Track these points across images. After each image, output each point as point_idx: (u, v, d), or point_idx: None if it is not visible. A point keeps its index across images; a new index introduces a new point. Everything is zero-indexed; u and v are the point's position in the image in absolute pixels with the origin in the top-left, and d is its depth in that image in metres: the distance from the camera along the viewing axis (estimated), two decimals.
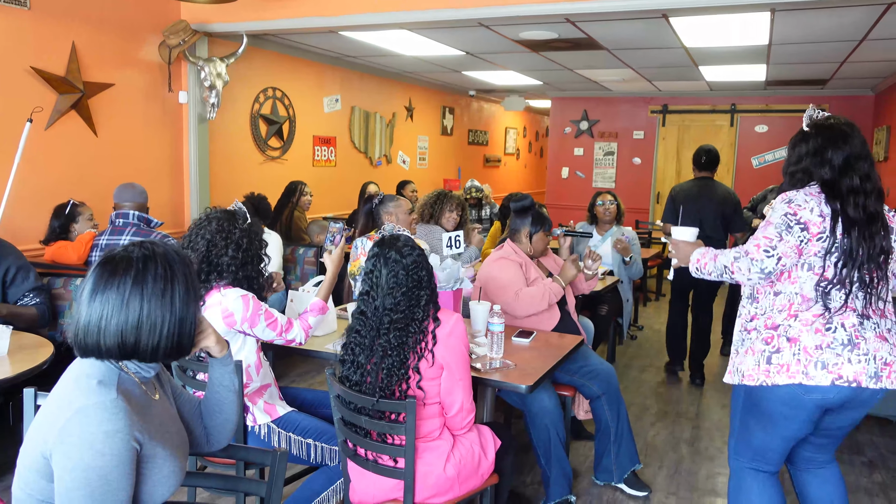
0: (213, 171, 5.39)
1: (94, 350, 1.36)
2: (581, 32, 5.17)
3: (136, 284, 1.35)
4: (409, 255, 2.19)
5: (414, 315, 2.16)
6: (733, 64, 6.47)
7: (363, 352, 2.17)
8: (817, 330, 2.06)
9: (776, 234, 2.08)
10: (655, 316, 7.02)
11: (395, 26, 4.84)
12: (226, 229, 2.47)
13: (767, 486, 2.29)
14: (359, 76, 7.31)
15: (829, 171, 2.12)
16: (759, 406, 2.20)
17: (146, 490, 1.38)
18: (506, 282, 3.27)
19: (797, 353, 2.07)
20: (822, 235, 2.05)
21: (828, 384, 2.04)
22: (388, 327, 2.14)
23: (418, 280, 2.18)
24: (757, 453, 2.28)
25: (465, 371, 2.22)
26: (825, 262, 2.06)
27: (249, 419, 2.49)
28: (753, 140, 8.69)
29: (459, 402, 2.21)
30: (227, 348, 1.65)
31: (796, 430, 2.18)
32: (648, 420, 4.16)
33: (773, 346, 2.12)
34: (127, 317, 1.34)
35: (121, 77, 4.61)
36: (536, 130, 12.99)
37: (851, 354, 2.05)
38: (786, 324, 2.10)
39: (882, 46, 5.35)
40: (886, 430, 4.08)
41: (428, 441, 2.20)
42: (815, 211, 2.06)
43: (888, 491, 3.34)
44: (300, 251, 5.05)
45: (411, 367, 2.13)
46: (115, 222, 3.71)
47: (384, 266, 2.18)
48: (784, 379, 2.08)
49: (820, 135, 2.17)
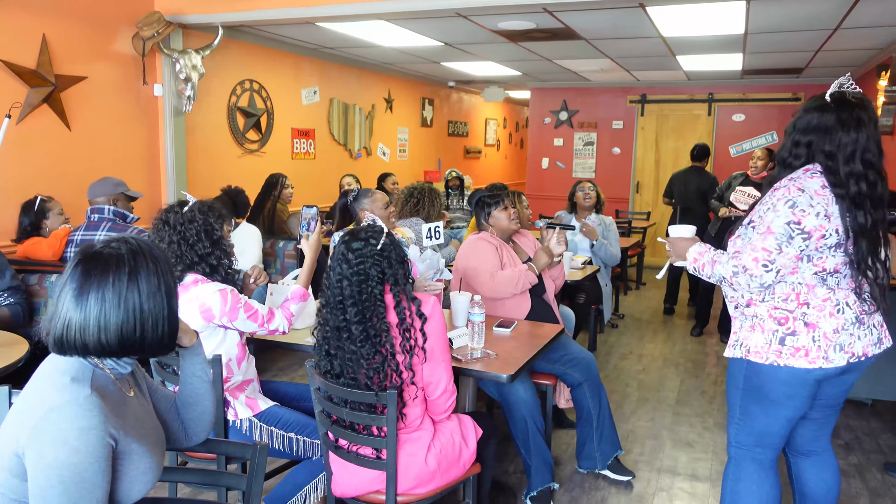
0: (190, 164, 5.33)
1: (95, 348, 1.34)
2: (559, 22, 5.17)
3: (132, 281, 1.35)
4: (357, 250, 2.14)
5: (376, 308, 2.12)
6: (710, 53, 6.52)
7: (332, 342, 2.17)
8: (831, 314, 2.08)
9: (776, 246, 2.03)
10: (636, 304, 7.08)
11: (372, 17, 4.81)
12: (162, 219, 2.47)
13: (768, 477, 2.29)
14: (337, 68, 7.26)
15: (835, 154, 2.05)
16: (761, 388, 2.18)
17: (123, 487, 1.37)
18: (482, 261, 3.28)
19: (818, 339, 2.07)
20: (825, 234, 2.02)
21: (844, 364, 2.08)
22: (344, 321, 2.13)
23: (365, 275, 2.13)
24: (760, 438, 2.26)
25: (446, 352, 2.23)
26: (826, 254, 2.06)
27: (231, 414, 2.47)
28: (731, 129, 8.76)
29: (443, 384, 2.21)
30: (195, 338, 1.64)
31: (798, 408, 2.18)
32: (629, 407, 4.20)
33: (787, 327, 2.10)
34: (127, 313, 1.34)
35: (94, 70, 4.53)
36: (517, 121, 12.99)
37: (860, 331, 2.10)
38: (799, 311, 2.09)
39: (855, 35, 5.41)
40: (862, 413, 4.16)
41: (409, 432, 2.20)
42: (821, 213, 2.01)
43: (864, 472, 3.41)
44: (280, 244, 5.02)
45: (403, 365, 2.12)
46: (91, 217, 3.66)
47: (334, 259, 2.20)
48: (803, 363, 2.08)
49: (837, 111, 2.07)
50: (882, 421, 4.06)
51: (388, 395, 2.06)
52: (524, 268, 3.29)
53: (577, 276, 4.36)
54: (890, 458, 3.56)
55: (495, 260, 3.31)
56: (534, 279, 3.28)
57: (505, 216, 3.43)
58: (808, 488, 2.39)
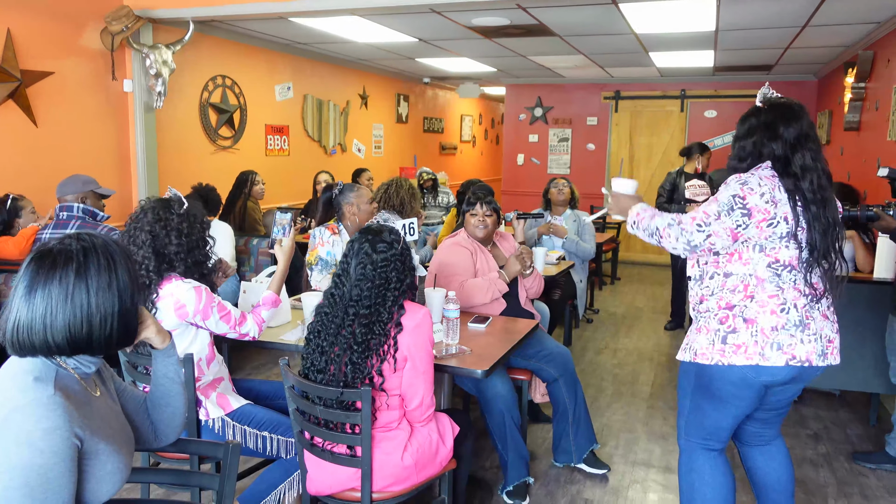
0: (161, 161, 5.25)
1: (42, 347, 1.31)
2: (532, 18, 5.18)
3: (80, 277, 1.32)
4: (382, 252, 2.16)
5: (379, 315, 2.13)
6: (682, 50, 6.58)
7: (328, 337, 2.16)
8: (773, 311, 2.08)
9: (716, 212, 2.07)
10: (611, 299, 7.14)
11: (345, 12, 4.77)
12: (164, 218, 2.41)
13: (719, 464, 2.33)
14: (311, 63, 7.20)
15: (780, 147, 2.12)
16: (710, 386, 2.22)
17: (90, 488, 1.35)
18: (454, 268, 3.27)
19: (755, 335, 2.08)
20: (771, 221, 2.05)
21: (782, 364, 2.08)
22: (353, 319, 2.13)
23: (385, 279, 2.15)
24: (709, 433, 2.31)
25: (428, 365, 2.21)
26: (778, 245, 2.08)
27: (202, 413, 2.44)
28: (703, 125, 8.87)
29: (420, 397, 2.20)
30: (168, 339, 1.62)
31: (745, 408, 2.22)
32: (605, 401, 4.24)
33: (728, 325, 2.12)
34: (74, 311, 1.31)
35: (61, 65, 4.44)
36: (492, 118, 13.01)
37: (803, 335, 2.09)
38: (742, 304, 2.10)
39: (823, 32, 5.51)
40: (831, 405, 4.24)
41: (386, 431, 2.20)
42: (766, 196, 2.05)
43: (832, 461, 3.47)
44: (254, 242, 4.97)
45: (374, 369, 2.12)
46: (59, 215, 3.59)
47: (355, 256, 2.18)
48: (741, 360, 2.10)
49: (772, 110, 2.18)
50: (850, 411, 4.14)
51: (362, 392, 2.05)
52: (494, 276, 3.28)
53: (551, 271, 4.39)
54: (858, 448, 3.63)
55: (468, 266, 3.31)
56: (504, 287, 3.27)
57: (472, 221, 3.45)
58: (758, 477, 2.44)
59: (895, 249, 3.56)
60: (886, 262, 3.63)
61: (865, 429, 3.89)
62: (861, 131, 5.82)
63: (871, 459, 3.41)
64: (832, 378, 3.83)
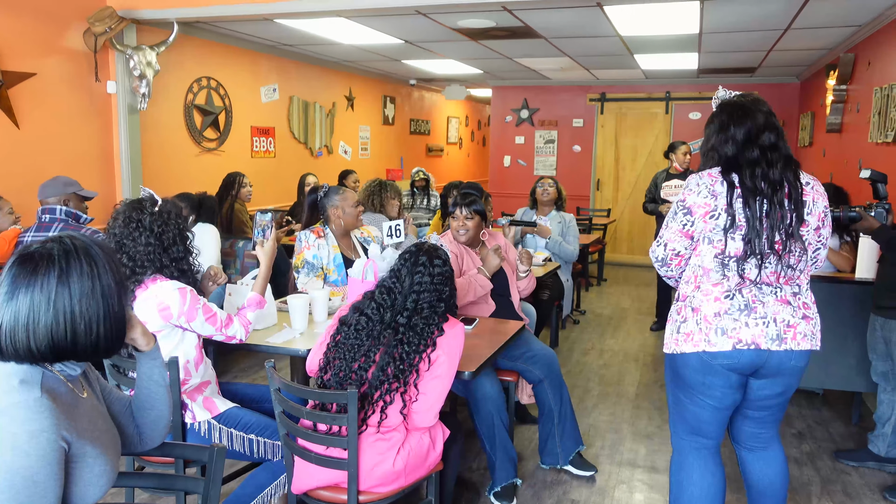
0: (146, 163, 5.21)
1: (25, 354, 1.29)
2: (518, 21, 5.20)
3: (62, 282, 1.30)
4: (439, 267, 2.31)
5: (429, 322, 2.23)
6: (667, 52, 6.63)
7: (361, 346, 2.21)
8: (716, 298, 2.16)
9: (666, 223, 2.27)
10: (597, 300, 7.17)
11: (330, 14, 4.77)
12: (135, 219, 2.39)
13: (709, 465, 2.35)
14: (296, 65, 7.18)
15: (731, 147, 2.19)
16: (678, 375, 2.30)
17: (76, 491, 1.33)
18: None
19: (699, 322, 2.18)
20: (713, 213, 2.14)
21: (729, 349, 2.15)
22: (405, 326, 2.20)
23: (440, 292, 2.28)
24: (692, 427, 2.33)
25: (452, 376, 2.28)
26: (725, 237, 2.13)
27: (189, 416, 2.43)
28: (688, 127, 8.93)
29: (436, 403, 2.24)
30: (154, 342, 1.60)
31: (720, 396, 2.24)
32: (591, 402, 4.25)
33: (681, 316, 2.24)
34: (56, 317, 1.29)
35: (43, 66, 4.40)
36: (479, 119, 13.03)
37: (749, 318, 2.15)
38: (691, 295, 2.22)
39: (805, 35, 5.57)
40: (813, 403, 4.28)
41: (384, 432, 2.19)
42: (704, 193, 2.15)
43: (815, 460, 3.51)
44: (240, 244, 4.95)
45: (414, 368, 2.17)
46: (42, 218, 3.55)
47: (413, 266, 2.29)
48: (690, 347, 2.20)
49: (723, 112, 2.27)
50: (833, 410, 4.18)
51: (348, 395, 2.05)
52: (474, 272, 3.29)
53: (538, 272, 4.40)
54: (840, 446, 3.67)
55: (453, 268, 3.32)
56: (486, 283, 3.27)
57: (454, 225, 3.46)
58: (752, 480, 2.46)
59: (877, 249, 3.61)
60: (868, 262, 3.68)
61: (848, 427, 3.93)
62: (843, 133, 5.89)
63: (854, 457, 3.44)
64: (815, 377, 3.86)
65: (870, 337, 3.43)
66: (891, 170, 4.09)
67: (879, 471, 3.37)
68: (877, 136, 4.64)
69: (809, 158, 7.24)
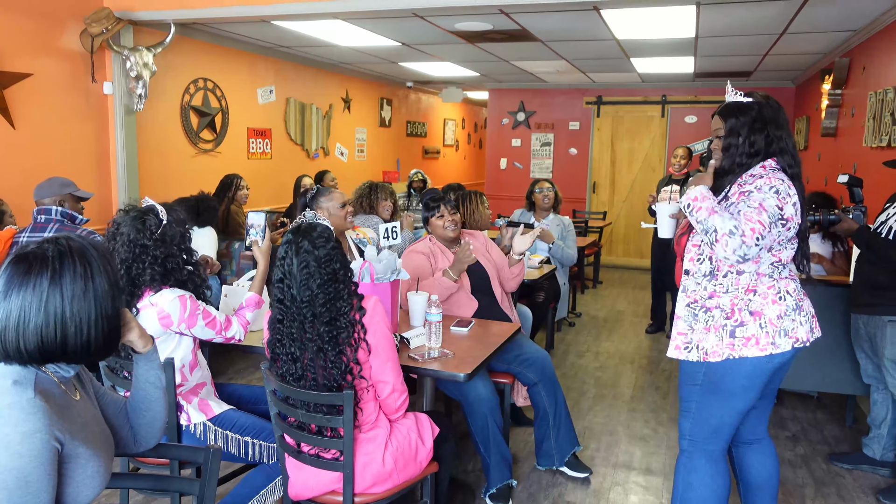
0: (142, 164, 5.21)
1: (15, 354, 1.29)
2: (515, 24, 5.21)
3: (54, 284, 1.29)
4: (322, 247, 2.11)
5: (339, 309, 2.12)
6: (663, 56, 6.65)
7: (293, 343, 2.13)
8: (774, 301, 2.17)
9: (769, 223, 2.06)
10: (593, 303, 7.18)
11: (328, 16, 4.77)
12: (138, 243, 2.36)
13: (719, 468, 2.35)
14: (293, 67, 7.18)
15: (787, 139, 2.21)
16: (720, 383, 2.23)
17: (69, 492, 1.33)
18: (413, 274, 3.30)
19: (765, 326, 2.16)
20: (792, 226, 2.13)
21: (789, 349, 2.17)
22: (311, 321, 2.10)
23: (332, 273, 2.11)
24: (714, 432, 2.31)
25: (391, 350, 2.23)
26: (786, 247, 2.17)
27: (184, 418, 2.43)
28: (683, 130, 8.95)
29: (391, 384, 2.22)
30: (151, 343, 1.60)
31: (752, 398, 2.26)
32: (587, 404, 4.26)
33: (735, 320, 2.18)
34: (47, 318, 1.28)
35: (40, 67, 4.39)
36: (475, 122, 13.04)
37: (800, 317, 2.20)
38: (746, 298, 2.18)
39: (800, 40, 5.59)
40: (808, 406, 4.29)
41: (367, 430, 2.20)
42: (790, 201, 2.11)
43: (809, 462, 3.52)
44: (235, 246, 4.95)
45: (350, 359, 2.12)
46: (37, 219, 3.54)
47: (295, 255, 2.11)
48: (754, 351, 2.16)
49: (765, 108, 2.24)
50: (827, 413, 4.20)
51: (344, 396, 2.05)
52: (439, 275, 3.31)
53: (534, 275, 4.41)
54: (834, 449, 3.68)
55: (425, 271, 3.37)
56: (449, 284, 3.26)
57: (440, 224, 3.48)
58: (752, 476, 2.48)
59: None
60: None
61: (842, 430, 3.94)
62: (838, 137, 5.91)
63: (848, 460, 3.46)
64: (809, 380, 3.88)
65: (854, 337, 3.43)
66: (886, 174, 4.12)
67: (873, 474, 3.38)
68: (871, 141, 4.67)
69: (805, 162, 7.24)
